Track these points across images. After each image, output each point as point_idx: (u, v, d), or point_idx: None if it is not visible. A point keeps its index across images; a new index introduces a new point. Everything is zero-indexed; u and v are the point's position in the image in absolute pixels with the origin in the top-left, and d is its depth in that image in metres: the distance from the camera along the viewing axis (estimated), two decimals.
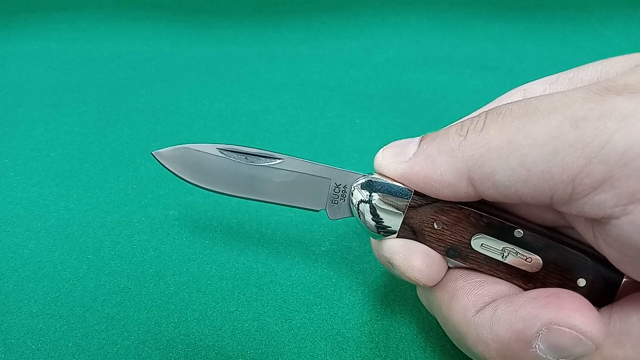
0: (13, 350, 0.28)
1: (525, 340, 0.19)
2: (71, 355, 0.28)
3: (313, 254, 0.34)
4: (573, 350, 0.19)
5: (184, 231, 0.36)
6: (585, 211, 0.18)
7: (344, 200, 0.25)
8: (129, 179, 0.41)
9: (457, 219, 0.22)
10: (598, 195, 0.17)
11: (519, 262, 0.22)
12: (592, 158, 0.16)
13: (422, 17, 0.69)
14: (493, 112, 0.20)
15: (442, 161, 0.20)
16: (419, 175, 0.21)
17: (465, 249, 0.23)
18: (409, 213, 0.23)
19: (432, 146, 0.21)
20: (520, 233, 0.22)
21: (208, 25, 0.67)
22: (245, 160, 0.25)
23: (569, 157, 0.17)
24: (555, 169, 0.17)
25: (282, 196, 0.25)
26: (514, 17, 0.69)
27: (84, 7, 0.70)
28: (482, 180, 0.19)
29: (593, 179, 0.17)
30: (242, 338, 0.29)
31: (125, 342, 0.28)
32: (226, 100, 0.52)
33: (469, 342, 0.21)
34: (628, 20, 0.68)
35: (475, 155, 0.19)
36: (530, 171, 0.18)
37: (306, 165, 0.25)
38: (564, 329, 0.18)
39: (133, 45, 0.62)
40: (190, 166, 0.25)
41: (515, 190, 0.19)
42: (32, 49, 0.61)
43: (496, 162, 0.19)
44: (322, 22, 0.68)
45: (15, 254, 0.34)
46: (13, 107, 0.50)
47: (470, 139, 0.20)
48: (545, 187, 0.18)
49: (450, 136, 0.21)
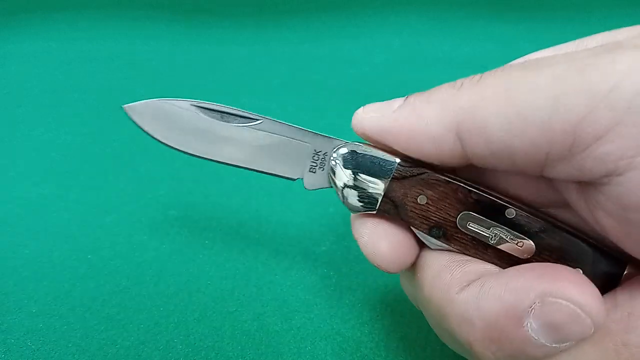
0: (13, 350, 0.28)
1: (515, 316, 0.17)
2: (71, 355, 0.28)
3: (313, 254, 0.34)
4: (569, 329, 0.16)
5: (184, 231, 0.36)
6: (585, 168, 0.16)
7: (323, 169, 0.23)
8: (128, 179, 0.41)
9: (444, 194, 0.20)
10: (602, 147, 0.15)
11: (509, 246, 0.20)
12: (597, 103, 0.15)
13: (422, 17, 0.69)
14: (492, 70, 0.18)
15: (430, 111, 0.18)
16: (402, 127, 0.19)
17: (451, 227, 0.21)
18: (391, 185, 0.21)
19: (420, 98, 0.19)
20: (512, 213, 0.20)
21: (208, 25, 0.67)
22: (220, 118, 0.24)
23: (572, 103, 0.15)
24: (555, 116, 0.16)
25: (257, 161, 0.24)
26: (514, 17, 0.69)
27: (84, 7, 0.70)
28: (472, 135, 0.17)
29: (597, 126, 0.15)
30: (242, 338, 0.29)
31: (125, 342, 0.28)
32: (226, 100, 0.51)
33: (452, 324, 0.19)
34: (628, 20, 0.68)
35: (468, 104, 0.17)
36: (528, 120, 0.16)
37: (284, 128, 0.23)
38: (560, 301, 0.16)
39: (133, 45, 0.62)
40: (163, 123, 0.24)
41: (508, 146, 0.17)
42: (32, 49, 0.61)
43: (490, 111, 0.17)
44: (322, 22, 0.68)
45: (15, 254, 0.34)
46: (13, 107, 0.50)
47: (465, 90, 0.18)
48: (543, 140, 0.16)
49: (442, 88, 0.19)
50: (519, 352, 0.17)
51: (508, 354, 0.18)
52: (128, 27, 0.67)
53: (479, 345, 0.18)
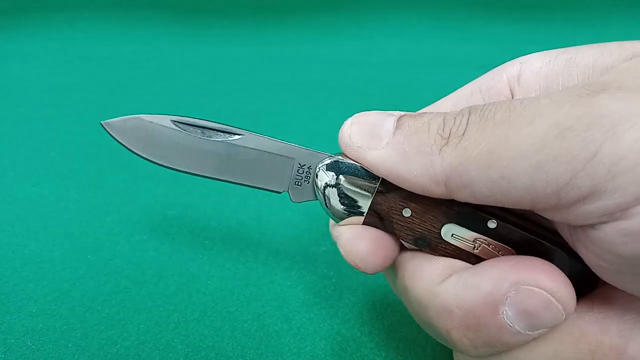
0: (13, 350, 0.28)
1: (492, 304, 0.18)
2: (71, 355, 0.28)
3: (313, 254, 0.34)
4: (542, 316, 0.18)
5: (184, 231, 0.36)
6: (570, 220, 0.17)
7: (308, 182, 0.23)
8: (128, 179, 0.41)
9: (428, 207, 0.21)
10: (584, 207, 0.16)
11: (490, 254, 0.21)
12: (578, 172, 0.15)
13: (422, 17, 0.69)
14: (476, 114, 0.18)
15: (419, 163, 0.19)
16: (391, 170, 0.20)
17: (435, 238, 0.21)
18: (376, 198, 0.21)
19: (409, 142, 0.19)
20: (494, 224, 0.21)
21: (208, 25, 0.67)
22: (201, 134, 0.23)
23: (554, 171, 0.16)
24: (538, 182, 0.16)
25: (241, 175, 0.23)
26: (514, 17, 0.69)
27: (84, 7, 0.70)
28: (459, 189, 0.18)
29: (579, 192, 0.16)
30: (242, 338, 0.29)
31: (125, 342, 0.28)
32: (226, 100, 0.52)
33: (432, 313, 0.20)
34: (628, 20, 0.68)
35: (454, 163, 0.18)
36: (512, 184, 0.17)
37: (267, 143, 0.23)
38: (533, 288, 0.18)
39: (133, 45, 0.62)
40: (143, 139, 0.24)
41: (494, 200, 0.18)
42: (32, 49, 0.61)
43: (475, 173, 0.17)
44: (322, 22, 0.68)
45: (15, 254, 0.34)
46: (13, 107, 0.50)
47: (451, 145, 0.18)
48: (528, 199, 0.17)
49: (431, 135, 0.19)
50: (495, 339, 0.18)
51: (484, 341, 0.19)
52: (128, 27, 0.67)
53: (456, 333, 0.19)
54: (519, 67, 0.23)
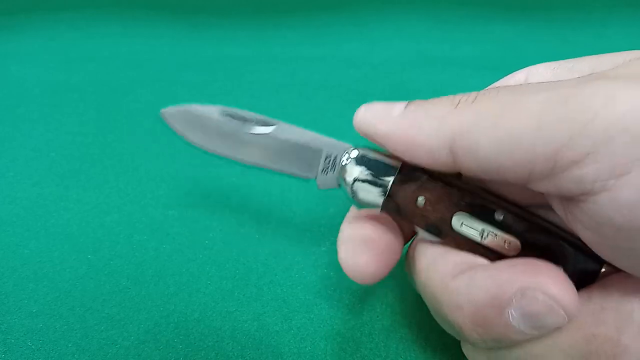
0: (13, 350, 0.28)
1: (499, 306, 0.19)
2: (71, 355, 0.28)
3: (313, 254, 0.34)
4: (545, 319, 0.19)
5: (184, 231, 0.36)
6: (564, 187, 0.18)
7: (333, 172, 0.25)
8: (128, 179, 0.41)
9: (440, 198, 0.23)
10: (579, 170, 0.17)
11: (497, 244, 0.22)
12: (576, 132, 0.17)
13: (422, 17, 0.69)
14: (486, 89, 0.20)
15: (429, 126, 0.20)
16: (402, 136, 0.21)
17: (446, 227, 0.23)
18: (393, 189, 0.23)
19: (420, 110, 0.21)
20: (501, 215, 0.22)
21: (208, 25, 0.67)
22: (242, 124, 0.26)
23: (554, 131, 0.17)
24: (539, 141, 0.17)
25: (277, 163, 0.26)
26: (514, 17, 0.69)
27: (84, 7, 0.70)
28: (464, 152, 0.19)
29: (576, 152, 0.17)
30: (242, 338, 0.29)
31: (125, 342, 0.28)
32: (226, 100, 0.52)
33: (445, 308, 0.21)
34: (628, 20, 0.68)
35: (463, 123, 0.19)
36: (514, 144, 0.18)
37: (298, 134, 0.26)
38: (538, 294, 0.19)
39: (133, 45, 0.62)
40: (192, 127, 0.27)
41: (496, 164, 0.19)
42: (32, 49, 0.61)
43: (482, 132, 0.19)
44: (322, 22, 0.68)
45: (15, 254, 0.34)
46: (13, 107, 0.50)
47: (461, 109, 0.20)
48: (527, 161, 0.18)
49: (442, 103, 0.21)
50: (502, 335, 0.20)
51: (493, 337, 0.20)
52: (128, 27, 0.67)
53: (467, 328, 0.21)
54: (526, 75, 0.25)
